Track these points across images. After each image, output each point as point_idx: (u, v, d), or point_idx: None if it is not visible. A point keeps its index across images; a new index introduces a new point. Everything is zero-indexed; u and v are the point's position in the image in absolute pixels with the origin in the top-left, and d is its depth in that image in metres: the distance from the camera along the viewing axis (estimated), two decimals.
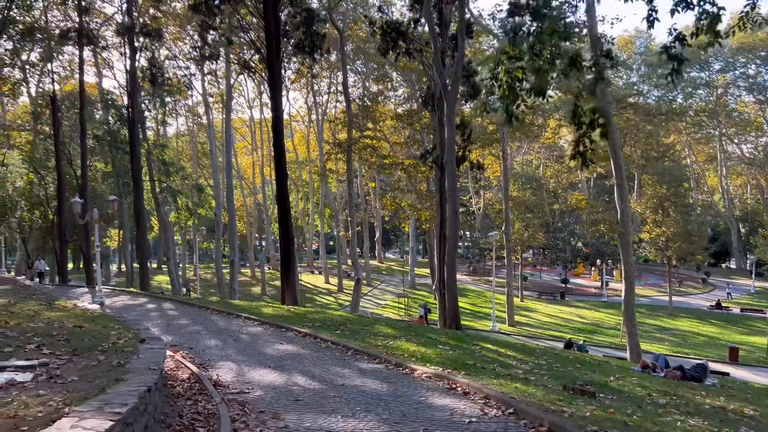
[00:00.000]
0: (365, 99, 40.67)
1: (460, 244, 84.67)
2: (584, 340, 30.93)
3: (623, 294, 27.22)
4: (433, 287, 45.84)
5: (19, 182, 42.25)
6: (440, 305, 28.18)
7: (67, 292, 26.06)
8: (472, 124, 29.55)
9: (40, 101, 44.26)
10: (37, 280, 34.87)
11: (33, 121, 42.79)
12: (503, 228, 42.25)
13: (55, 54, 41.54)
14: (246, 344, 13.32)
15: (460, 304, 25.35)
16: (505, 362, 12.28)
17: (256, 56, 29.92)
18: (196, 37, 36.03)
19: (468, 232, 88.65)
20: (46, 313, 12.61)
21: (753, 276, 63.95)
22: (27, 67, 45.14)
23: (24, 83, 47.67)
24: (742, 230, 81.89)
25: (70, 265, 74.44)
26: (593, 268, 69.57)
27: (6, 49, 36.43)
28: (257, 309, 19.72)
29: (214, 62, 36.70)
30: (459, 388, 8.48)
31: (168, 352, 12.09)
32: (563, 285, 62.33)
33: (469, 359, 11.76)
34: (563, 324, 44.45)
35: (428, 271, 63.35)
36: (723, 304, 51.48)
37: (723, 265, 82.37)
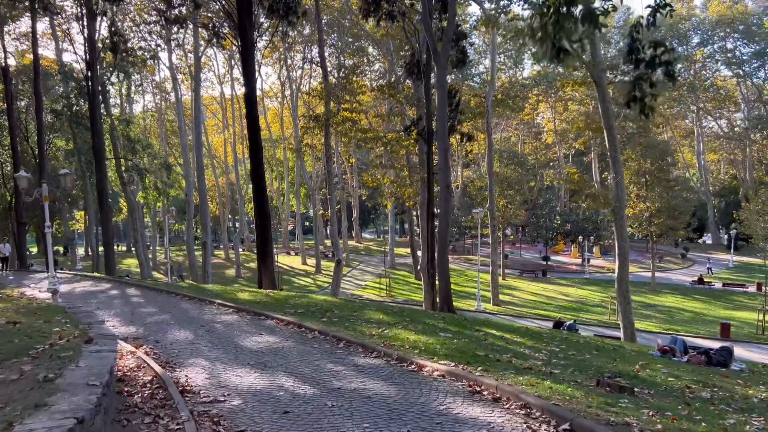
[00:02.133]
0: (342, 70, 38.59)
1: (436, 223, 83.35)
2: (574, 320, 29.85)
3: (616, 270, 26.09)
4: (418, 267, 44.45)
5: None
6: (426, 286, 26.75)
7: (23, 278, 23.95)
8: (460, 92, 27.93)
9: None
10: (0, 265, 32.49)
11: None
12: (487, 205, 40.94)
13: (9, 23, 38.66)
14: (220, 336, 11.64)
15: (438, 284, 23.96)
16: (518, 351, 10.83)
17: (226, 25, 27.74)
18: (161, 6, 33.57)
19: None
20: None
21: (732, 250, 64.05)
22: None
23: None
24: (716, 205, 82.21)
25: (34, 249, 71.37)
26: (573, 245, 69.00)
27: None
28: (232, 294, 17.98)
29: (181, 29, 34.20)
30: (485, 392, 6.93)
31: (129, 347, 10.37)
32: (544, 262, 61.56)
33: (478, 349, 10.28)
34: (547, 302, 43.53)
35: (408, 250, 61.96)
36: (705, 279, 51.21)
37: (700, 240, 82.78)
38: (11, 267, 35.44)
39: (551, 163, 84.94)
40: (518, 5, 54.82)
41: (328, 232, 66.08)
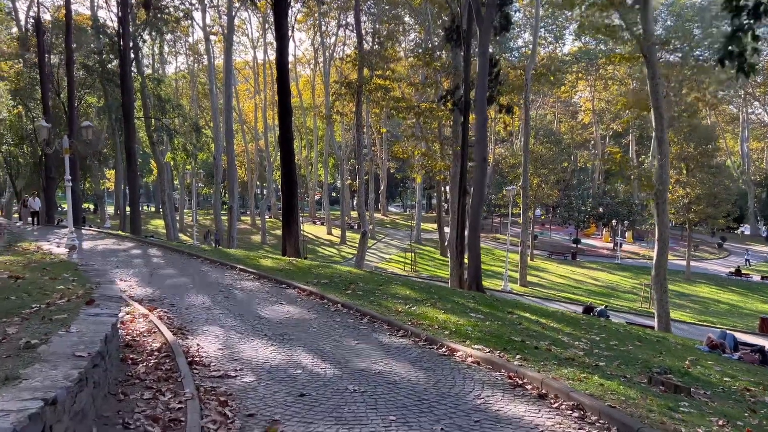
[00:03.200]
0: (377, 36, 37.35)
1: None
2: (605, 306, 28.78)
3: (655, 257, 24.92)
4: (445, 243, 43.56)
5: (5, 114, 39.39)
6: (454, 263, 25.92)
7: (48, 232, 23.78)
8: (501, 62, 26.64)
9: (29, 29, 41.04)
10: (30, 219, 32.60)
11: (20, 48, 39.64)
12: (520, 183, 39.65)
13: None
14: (239, 303, 11.04)
15: (467, 261, 23.07)
16: (556, 338, 9.98)
17: None
18: None
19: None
20: None
21: None
22: None
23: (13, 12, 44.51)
24: (757, 195, 79.05)
25: (65, 205, 72.31)
26: (605, 229, 67.19)
27: None
28: (255, 260, 17.41)
29: None
30: (529, 386, 6.11)
31: (142, 310, 9.83)
32: (575, 245, 60.05)
33: (514, 334, 9.46)
34: (576, 286, 42.38)
35: (434, 226, 61.11)
36: (742, 271, 49.31)
37: (738, 231, 79.97)
38: (41, 222, 35.66)
39: (587, 144, 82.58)
40: None
41: (355, 203, 65.42)
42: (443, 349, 7.79)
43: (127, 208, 38.23)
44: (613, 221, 60.00)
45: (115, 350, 6.18)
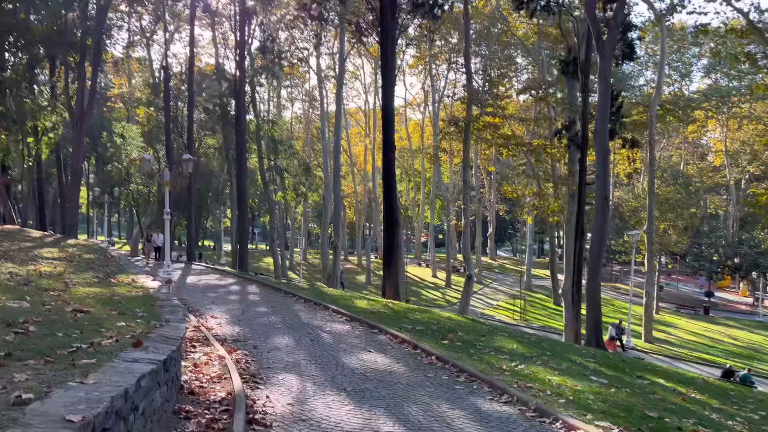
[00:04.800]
0: (487, 73, 36.32)
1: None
2: (749, 369, 24.86)
3: None
4: (559, 291, 40.65)
5: (135, 154, 42.43)
6: (569, 314, 23.58)
7: (159, 267, 24.43)
8: (622, 95, 24.54)
9: (159, 77, 44.39)
10: (154, 254, 34.24)
11: (151, 94, 42.81)
12: (644, 228, 36.20)
13: (177, 30, 41.64)
14: (324, 347, 10.03)
15: (584, 312, 20.72)
16: (702, 415, 7.96)
17: (370, 19, 26.73)
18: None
19: (590, 234, 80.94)
20: (81, 289, 10.02)
21: None
22: (150, 43, 45.63)
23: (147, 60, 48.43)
24: None
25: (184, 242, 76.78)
26: (743, 282, 60.15)
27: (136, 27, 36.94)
28: (349, 301, 16.46)
29: (326, 28, 34.00)
30: None
31: (220, 352, 9.07)
32: (707, 298, 54.02)
33: (647, 407, 7.61)
34: (710, 345, 37.58)
35: (546, 272, 57.75)
36: None
37: None
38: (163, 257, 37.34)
39: (718, 189, 75.53)
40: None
41: (461, 245, 63.76)
42: (558, 425, 6.21)
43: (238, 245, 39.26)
44: (754, 273, 53.43)
45: (161, 402, 5.28)
